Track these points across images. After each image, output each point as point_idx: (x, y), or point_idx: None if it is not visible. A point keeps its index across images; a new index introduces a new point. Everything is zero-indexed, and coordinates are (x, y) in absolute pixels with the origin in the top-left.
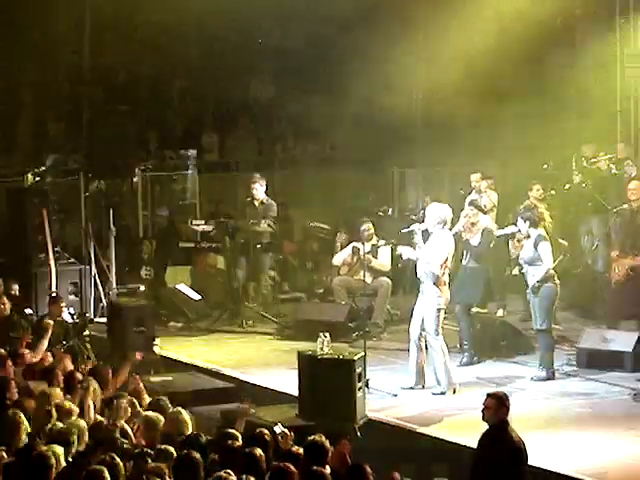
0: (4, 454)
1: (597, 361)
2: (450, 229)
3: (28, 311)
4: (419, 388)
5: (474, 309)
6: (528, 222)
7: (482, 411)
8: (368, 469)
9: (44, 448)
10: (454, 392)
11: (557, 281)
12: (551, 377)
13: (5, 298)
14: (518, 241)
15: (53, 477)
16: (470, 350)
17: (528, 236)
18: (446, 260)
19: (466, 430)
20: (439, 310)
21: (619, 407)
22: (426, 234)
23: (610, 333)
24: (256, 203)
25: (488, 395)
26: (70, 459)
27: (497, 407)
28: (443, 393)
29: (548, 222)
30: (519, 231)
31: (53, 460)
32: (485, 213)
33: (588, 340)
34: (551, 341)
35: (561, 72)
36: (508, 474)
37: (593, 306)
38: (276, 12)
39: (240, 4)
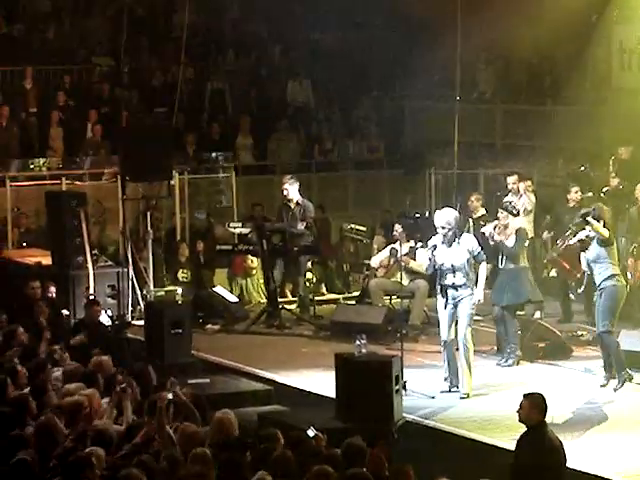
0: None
1: (636, 363)
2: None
3: (65, 312)
4: (455, 390)
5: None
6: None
7: (518, 412)
8: (411, 471)
9: (86, 451)
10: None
11: (623, 281)
12: (627, 380)
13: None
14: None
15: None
16: (516, 352)
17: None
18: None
19: (504, 432)
20: (472, 315)
21: None
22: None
23: (633, 333)
24: (291, 205)
25: (524, 396)
26: (108, 461)
27: (533, 408)
28: (468, 395)
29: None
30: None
31: (95, 462)
32: (516, 215)
33: (626, 342)
34: (613, 343)
35: (599, 70)
36: (546, 476)
37: (629, 308)
38: (313, 13)
39: (277, 6)
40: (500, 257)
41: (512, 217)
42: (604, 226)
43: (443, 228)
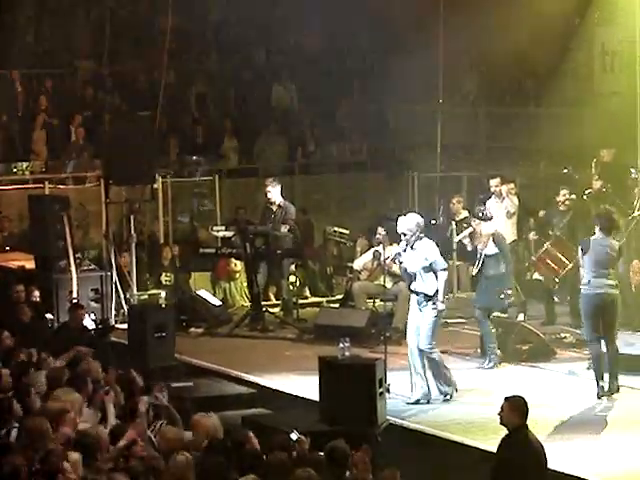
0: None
1: (621, 365)
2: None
3: (49, 317)
4: (424, 402)
5: (495, 313)
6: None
7: (499, 415)
8: (397, 474)
9: (67, 455)
10: (450, 397)
11: (598, 290)
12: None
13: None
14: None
15: None
16: (495, 351)
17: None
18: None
19: (487, 434)
20: (435, 323)
21: None
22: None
23: (634, 337)
24: (273, 207)
25: (505, 399)
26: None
27: (513, 411)
28: (449, 399)
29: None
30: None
31: (68, 467)
32: (489, 220)
33: (624, 346)
34: (593, 353)
35: (581, 72)
36: (527, 477)
37: (629, 311)
38: (296, 15)
39: (261, 9)
40: (479, 263)
41: (484, 223)
42: (605, 230)
43: (404, 234)
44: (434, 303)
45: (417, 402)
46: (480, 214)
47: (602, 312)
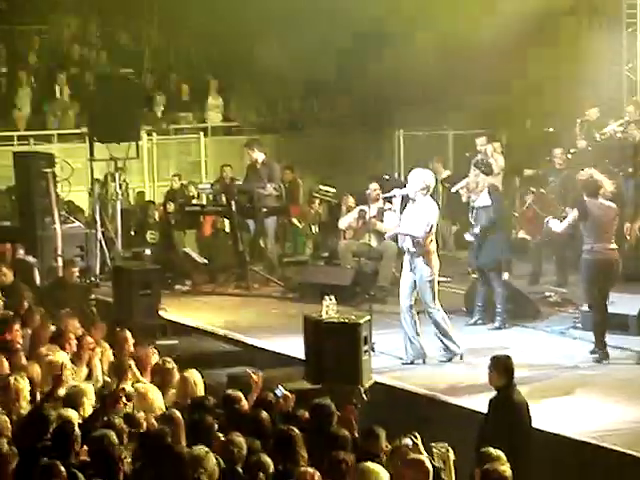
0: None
1: (617, 325)
2: (432, 196)
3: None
4: (419, 362)
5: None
6: (585, 192)
7: (488, 374)
8: (382, 434)
9: (55, 412)
10: (461, 358)
11: (600, 256)
12: (602, 358)
13: (5, 268)
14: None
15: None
16: (503, 315)
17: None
18: (432, 228)
19: (472, 394)
20: (432, 281)
21: (623, 371)
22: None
23: (614, 296)
24: (258, 166)
25: (491, 359)
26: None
27: (499, 371)
28: (450, 360)
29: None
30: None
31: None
32: (489, 173)
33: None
34: (593, 316)
35: (565, 34)
36: (511, 437)
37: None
38: None
39: None
40: (471, 216)
41: (483, 175)
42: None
43: (415, 187)
44: (427, 263)
45: (412, 362)
46: (480, 165)
47: (604, 277)
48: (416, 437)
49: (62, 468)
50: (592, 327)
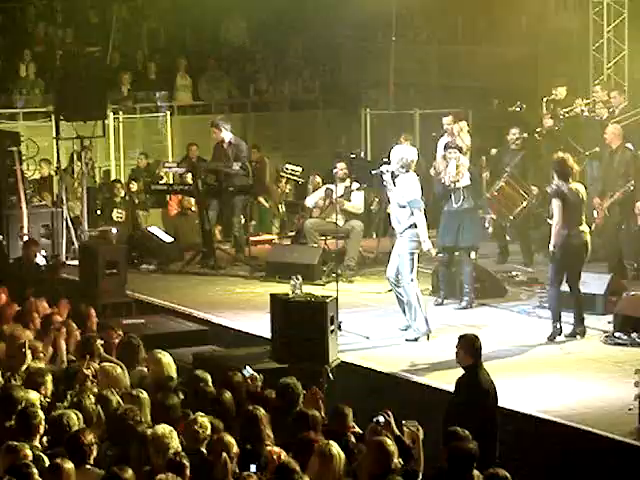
0: None
1: (569, 303)
2: (415, 171)
3: None
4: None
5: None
6: (556, 175)
7: (455, 353)
8: (349, 412)
9: (20, 392)
10: (428, 338)
11: (577, 240)
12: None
13: None
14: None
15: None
16: (471, 294)
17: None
18: (415, 204)
19: (438, 372)
20: (412, 256)
21: (590, 349)
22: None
23: (587, 276)
24: (224, 145)
25: (459, 338)
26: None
27: (466, 350)
28: (416, 339)
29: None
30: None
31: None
32: (460, 152)
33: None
34: (552, 295)
35: (532, 14)
36: (477, 416)
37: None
38: None
39: None
40: (454, 197)
41: (461, 155)
42: (563, 177)
43: (396, 164)
44: (412, 239)
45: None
46: (455, 146)
47: (576, 258)
48: (389, 415)
49: (28, 451)
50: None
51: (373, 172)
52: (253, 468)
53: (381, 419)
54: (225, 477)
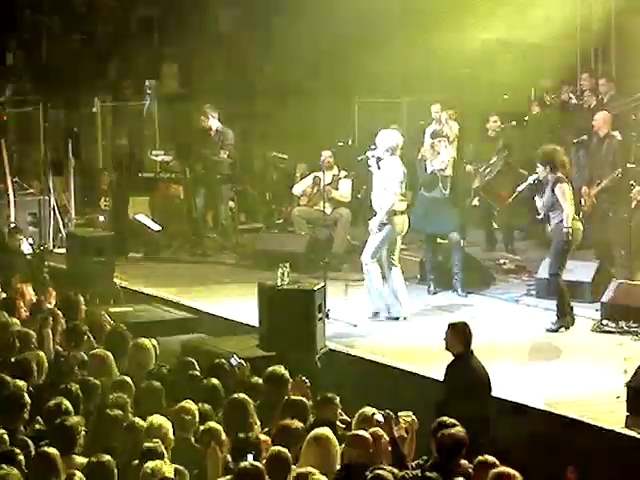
0: None
1: (551, 291)
2: (400, 157)
3: None
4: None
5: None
6: (548, 167)
7: (445, 340)
8: (337, 400)
9: (8, 380)
10: (405, 319)
11: (577, 226)
12: (564, 325)
13: None
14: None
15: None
16: (460, 282)
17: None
18: (399, 188)
19: (427, 361)
20: (393, 238)
21: (578, 338)
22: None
23: (569, 263)
24: (211, 133)
25: (448, 325)
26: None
27: (457, 337)
28: (396, 319)
29: (568, 166)
30: (537, 178)
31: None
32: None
33: (547, 270)
34: (559, 287)
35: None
36: (472, 404)
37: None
38: None
39: None
40: (440, 184)
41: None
42: (554, 169)
43: (381, 148)
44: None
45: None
46: (443, 135)
47: (570, 248)
48: (389, 415)
49: (5, 437)
50: (556, 296)
51: (359, 158)
52: (250, 458)
53: (379, 417)
54: (216, 466)
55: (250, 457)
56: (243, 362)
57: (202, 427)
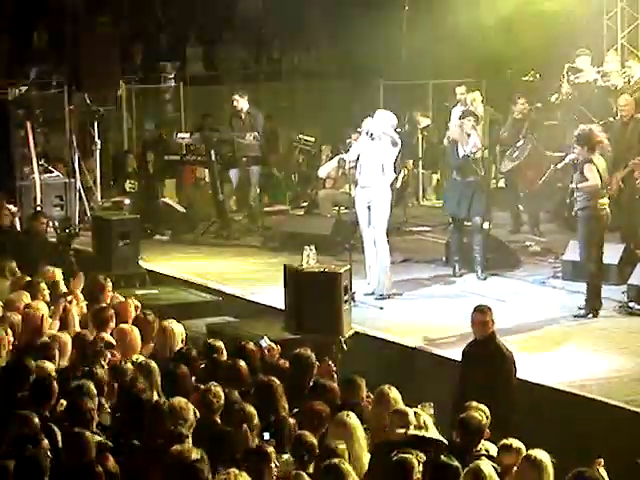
0: None
1: (582, 273)
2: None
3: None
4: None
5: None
6: (586, 147)
7: (471, 323)
8: (362, 383)
9: (34, 363)
10: (389, 297)
11: (602, 211)
12: (592, 310)
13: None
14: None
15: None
16: (484, 264)
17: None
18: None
19: (453, 343)
20: (387, 214)
21: (604, 320)
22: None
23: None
24: (242, 115)
25: (474, 308)
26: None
27: (482, 320)
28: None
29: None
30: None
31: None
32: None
33: (573, 252)
34: (588, 272)
35: None
36: (498, 385)
37: None
38: None
39: None
40: (472, 167)
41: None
42: (590, 150)
43: (381, 126)
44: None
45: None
46: (470, 114)
47: (603, 231)
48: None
49: (36, 420)
50: (589, 280)
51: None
52: (267, 436)
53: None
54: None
55: (266, 435)
56: (273, 345)
57: (235, 409)
